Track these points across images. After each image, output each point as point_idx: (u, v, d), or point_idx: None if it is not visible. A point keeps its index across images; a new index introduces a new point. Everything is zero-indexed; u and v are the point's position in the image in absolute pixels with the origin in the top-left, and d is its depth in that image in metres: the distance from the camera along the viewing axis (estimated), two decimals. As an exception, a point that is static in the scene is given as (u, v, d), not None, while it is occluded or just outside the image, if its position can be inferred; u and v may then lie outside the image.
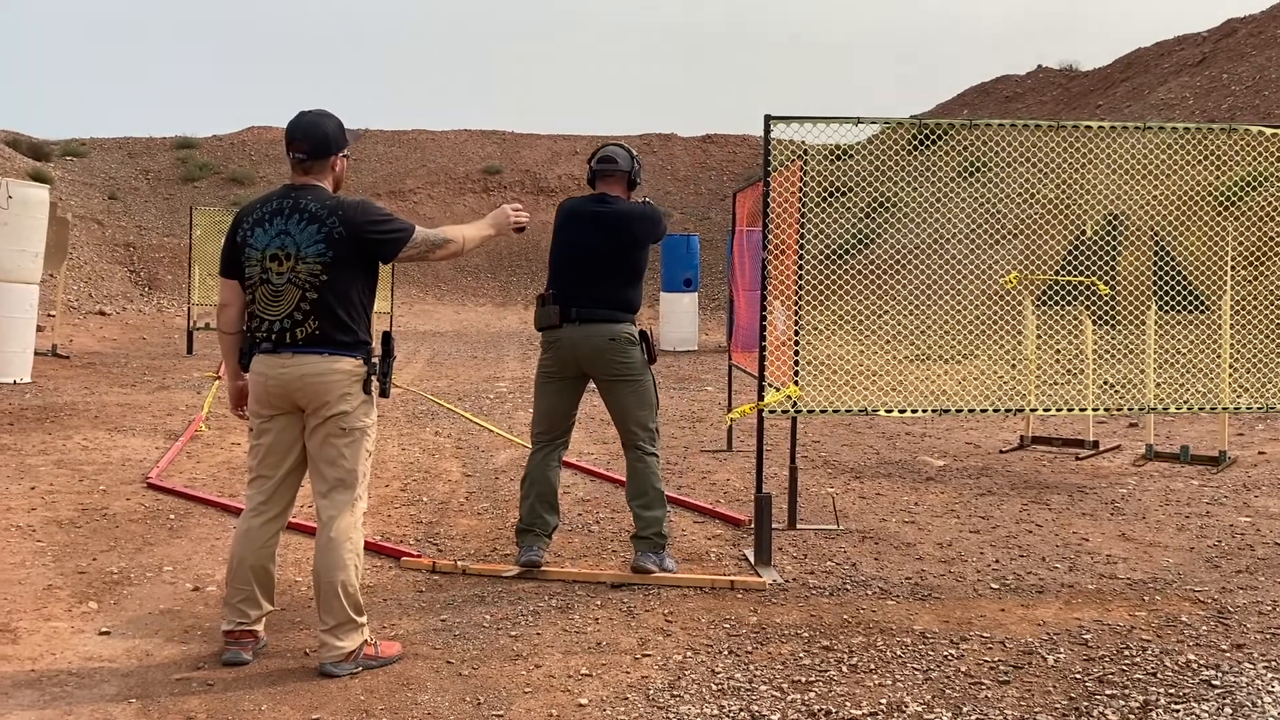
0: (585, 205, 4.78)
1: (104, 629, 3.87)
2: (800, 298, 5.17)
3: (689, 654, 3.75)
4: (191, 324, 15.53)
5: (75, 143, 28.63)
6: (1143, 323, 7.78)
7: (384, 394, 3.70)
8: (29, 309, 11.02)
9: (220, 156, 28.81)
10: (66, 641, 3.74)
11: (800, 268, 5.19)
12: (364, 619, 3.59)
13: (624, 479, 6.74)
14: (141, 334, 17.76)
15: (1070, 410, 5.73)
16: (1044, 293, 8.40)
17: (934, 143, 20.49)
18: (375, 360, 3.65)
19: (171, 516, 5.56)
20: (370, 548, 4.68)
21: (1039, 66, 29.04)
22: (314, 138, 3.62)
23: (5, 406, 9.06)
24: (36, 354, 11.47)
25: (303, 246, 3.52)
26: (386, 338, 3.72)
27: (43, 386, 10.58)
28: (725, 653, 3.77)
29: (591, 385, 4.81)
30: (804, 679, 3.53)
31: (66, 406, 9.24)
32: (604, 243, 4.64)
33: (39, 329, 11.84)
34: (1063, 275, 7.94)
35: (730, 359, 8.22)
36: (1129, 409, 6.92)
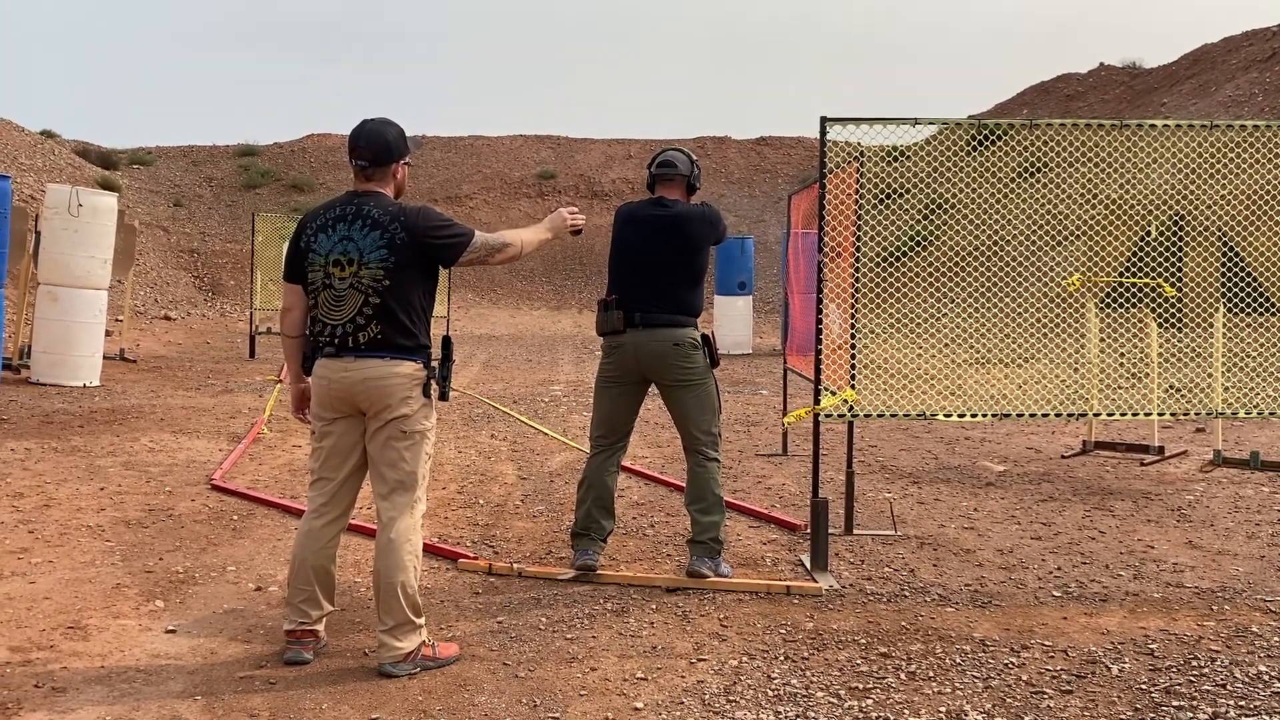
0: (644, 209, 4.77)
1: (170, 627, 3.95)
2: (856, 300, 5.13)
3: (744, 659, 3.74)
4: (253, 328, 15.82)
5: (142, 151, 29.35)
6: (1210, 325, 7.59)
7: (443, 397, 3.74)
8: (98, 314, 11.30)
9: (281, 164, 29.35)
10: (134, 639, 3.83)
11: (857, 270, 5.14)
12: (422, 620, 3.63)
13: (679, 483, 6.75)
14: (205, 338, 18.14)
15: (1135, 415, 5.60)
16: (1107, 295, 8.24)
17: (993, 143, 20.20)
18: (435, 364, 3.69)
19: (235, 517, 5.67)
20: (428, 549, 4.72)
21: (1101, 64, 28.51)
22: (376, 145, 3.67)
23: (76, 409, 9.31)
24: (105, 358, 11.75)
25: (366, 252, 3.58)
26: (446, 342, 3.76)
27: (111, 390, 10.85)
28: (781, 658, 3.75)
29: (652, 389, 4.80)
30: (861, 686, 3.50)
31: (134, 409, 9.47)
32: (664, 246, 4.64)
33: (107, 334, 12.13)
34: (1127, 277, 7.78)
35: (785, 362, 8.17)
36: (1196, 414, 6.76)
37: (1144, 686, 3.50)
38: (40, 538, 5.10)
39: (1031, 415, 5.29)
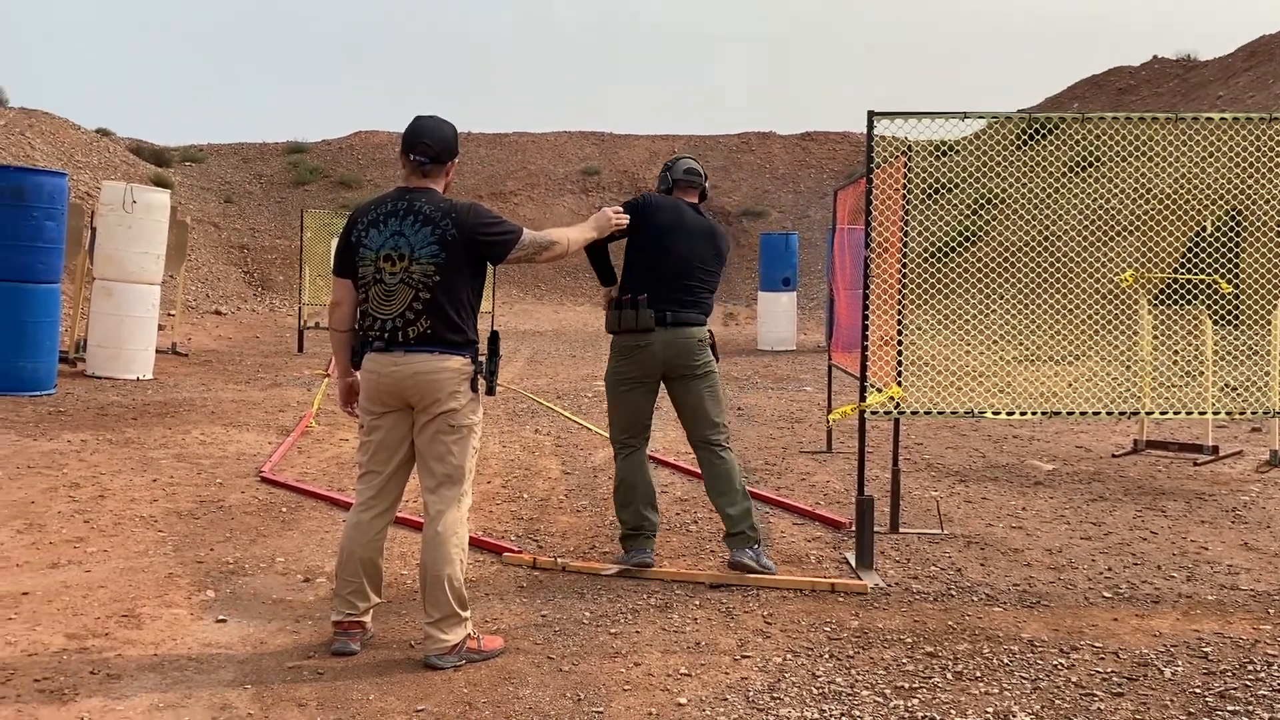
0: (691, 214, 4.80)
1: (221, 617, 4.02)
2: (903, 296, 5.07)
3: (789, 656, 3.72)
4: (302, 323, 16.02)
5: (193, 149, 29.83)
6: (1268, 322, 7.42)
7: (490, 392, 3.76)
8: (151, 308, 11.50)
9: (329, 161, 29.68)
10: (186, 628, 3.90)
11: (903, 266, 5.09)
12: (468, 613, 3.65)
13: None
14: (255, 333, 18.40)
15: (1189, 414, 5.49)
16: (1161, 291, 8.09)
17: (1043, 137, 19.90)
18: (482, 359, 3.72)
19: (283, 509, 5.74)
20: (473, 543, 4.75)
21: (1154, 57, 27.97)
22: (438, 142, 3.70)
23: (129, 402, 9.49)
24: (157, 352, 11.97)
25: (417, 248, 3.61)
26: (494, 337, 3.78)
27: (163, 383, 11.05)
28: (826, 656, 3.72)
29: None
30: (907, 685, 3.47)
31: (185, 402, 9.63)
32: (710, 253, 4.78)
33: (160, 328, 12.34)
34: (1182, 273, 7.63)
35: (830, 359, 8.12)
36: (1252, 413, 6.62)
37: (1198, 690, 3.43)
38: (96, 527, 5.20)
39: (1082, 414, 5.21)
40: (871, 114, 4.76)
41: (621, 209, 4.54)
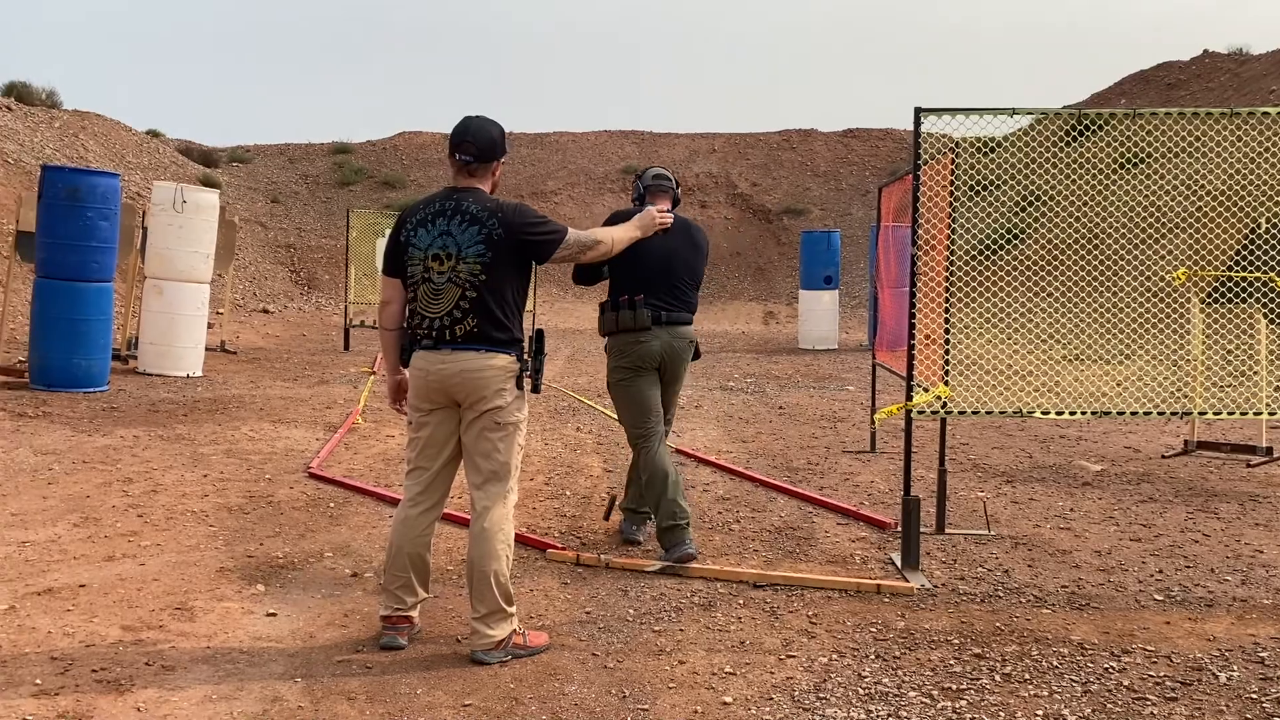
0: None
1: (271, 610, 4.08)
2: (950, 295, 5.03)
3: (834, 657, 3.70)
4: (347, 321, 16.19)
5: (241, 149, 30.24)
6: (1325, 322, 7.26)
7: (535, 390, 3.79)
8: (200, 307, 11.69)
9: (374, 161, 29.95)
10: (237, 621, 3.96)
11: (950, 264, 5.05)
12: (514, 608, 3.68)
13: (765, 478, 6.74)
14: (302, 331, 18.63)
15: (1243, 414, 5.39)
16: (1213, 289, 7.94)
17: (1090, 133, 19.61)
18: (527, 357, 3.74)
19: (331, 505, 5.82)
20: (517, 539, 4.77)
21: (1205, 51, 27.44)
22: (484, 141, 3.73)
23: (180, 399, 9.66)
24: (207, 349, 12.15)
25: (464, 247, 3.64)
26: (539, 335, 3.81)
27: (213, 380, 11.23)
28: (872, 657, 3.70)
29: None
30: (955, 687, 3.44)
31: (234, 399, 9.78)
32: (690, 251, 4.97)
33: (209, 326, 12.54)
34: (1235, 271, 7.48)
35: (874, 358, 8.07)
36: (1309, 414, 6.46)
37: (1254, 696, 3.37)
38: (149, 522, 5.30)
39: (1133, 413, 5.13)
40: (919, 110, 4.72)
41: (664, 208, 4.56)
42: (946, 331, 4.96)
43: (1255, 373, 8.53)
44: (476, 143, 3.72)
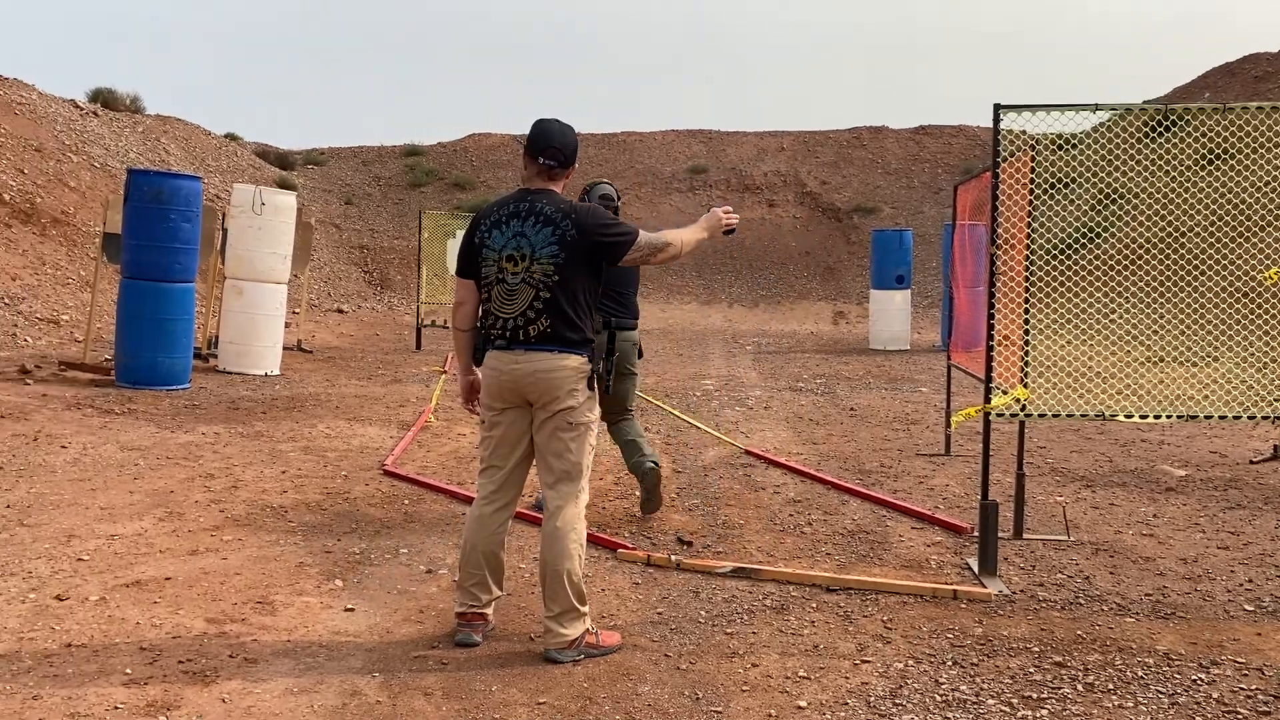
0: None
1: (349, 606, 4.15)
2: (1029, 295, 4.93)
3: (911, 663, 3.65)
4: (419, 321, 16.41)
5: (315, 152, 30.83)
6: None
7: (607, 391, 3.80)
8: (279, 307, 11.95)
9: (445, 163, 30.32)
10: (316, 616, 4.04)
11: (1029, 263, 4.95)
12: (586, 607, 3.69)
13: (836, 480, 6.68)
14: (375, 330, 18.94)
15: (1338, 419, 5.19)
16: (1305, 289, 7.66)
17: (1172, 129, 19.04)
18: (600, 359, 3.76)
19: (406, 502, 5.90)
20: (588, 539, 4.79)
21: (1295, 42, 26.47)
22: (567, 148, 3.79)
23: (259, 396, 9.88)
24: (284, 349, 12.42)
25: (538, 248, 3.67)
26: (611, 337, 3.82)
27: (290, 378, 11.46)
28: (949, 663, 3.64)
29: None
30: (1035, 695, 3.37)
31: (311, 397, 9.98)
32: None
33: (286, 325, 12.80)
34: (1329, 270, 7.20)
35: (948, 359, 7.94)
36: None
37: (1352, 712, 3.24)
38: (230, 517, 5.43)
39: (1220, 417, 4.96)
40: (998, 107, 4.64)
41: (731, 208, 4.53)
42: (1026, 332, 4.85)
43: (1350, 375, 8.20)
44: (563, 149, 3.77)
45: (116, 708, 3.17)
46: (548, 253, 3.66)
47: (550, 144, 3.76)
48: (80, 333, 12.57)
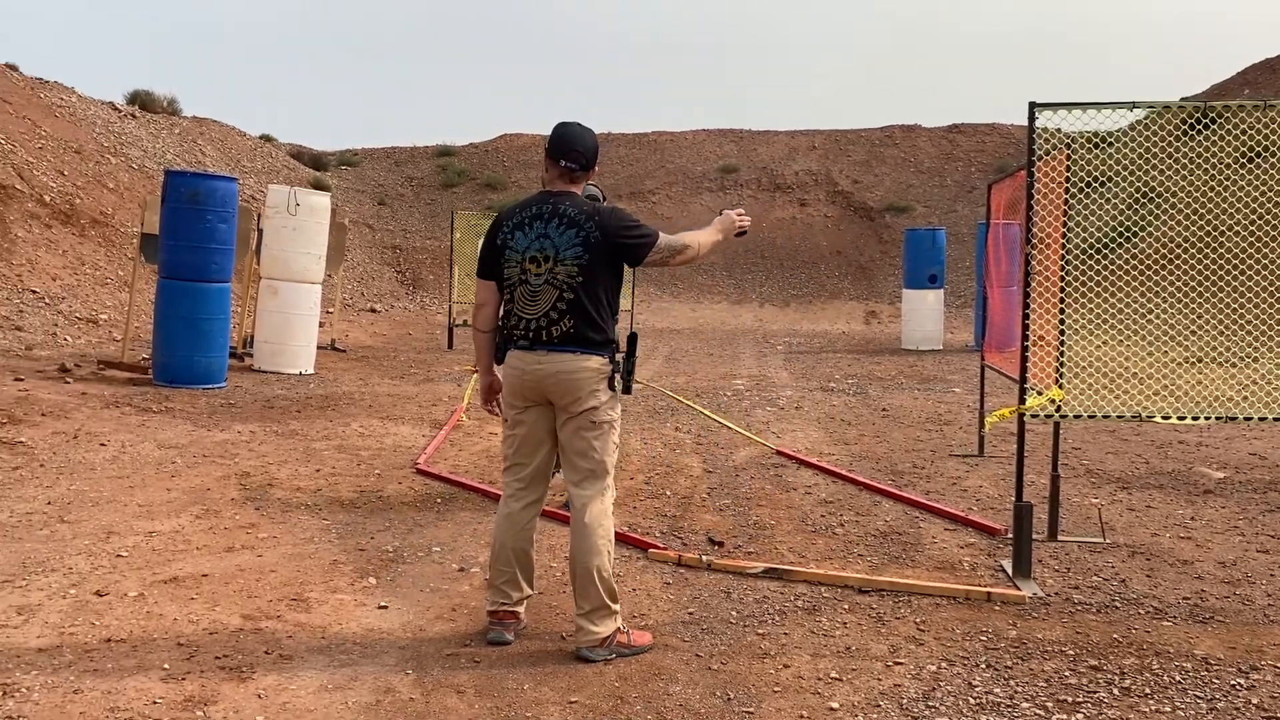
0: None
1: (382, 603, 4.18)
2: (1064, 294, 4.88)
3: (944, 665, 3.63)
4: (452, 320, 16.50)
5: (349, 153, 31.08)
6: None
7: (626, 391, 3.81)
8: (313, 306, 12.05)
9: (476, 163, 30.48)
10: (350, 613, 4.07)
11: (1064, 262, 4.90)
12: (618, 606, 3.70)
13: (869, 481, 6.65)
14: (407, 330, 19.07)
15: (1382, 421, 5.09)
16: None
17: (1210, 127, 18.77)
18: (619, 359, 3.77)
19: (438, 500, 5.94)
20: (619, 538, 4.81)
21: (1338, 37, 26.01)
22: (589, 151, 3.82)
23: (293, 395, 9.98)
24: (318, 348, 12.52)
25: (561, 249, 3.68)
26: (633, 338, 3.84)
27: (324, 377, 11.57)
28: (983, 666, 3.62)
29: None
30: (1070, 699, 3.34)
31: (344, 396, 10.06)
32: None
33: (320, 325, 12.91)
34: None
35: (982, 359, 7.88)
36: None
37: (1396, 719, 3.19)
38: (265, 514, 5.49)
39: (1260, 418, 4.89)
40: (1033, 105, 4.60)
41: (744, 210, 4.50)
42: (1061, 332, 4.81)
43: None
44: (585, 152, 3.80)
45: (155, 702, 3.22)
46: (572, 254, 3.68)
47: (573, 147, 3.79)
48: (118, 332, 12.75)
